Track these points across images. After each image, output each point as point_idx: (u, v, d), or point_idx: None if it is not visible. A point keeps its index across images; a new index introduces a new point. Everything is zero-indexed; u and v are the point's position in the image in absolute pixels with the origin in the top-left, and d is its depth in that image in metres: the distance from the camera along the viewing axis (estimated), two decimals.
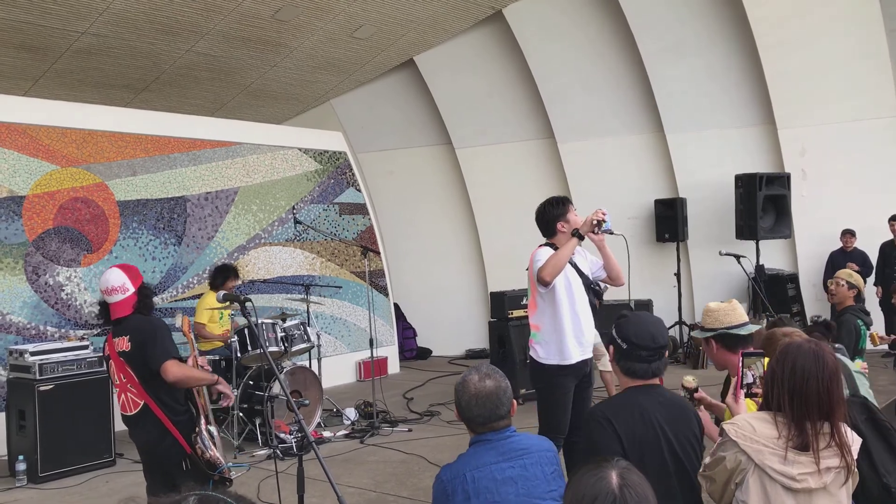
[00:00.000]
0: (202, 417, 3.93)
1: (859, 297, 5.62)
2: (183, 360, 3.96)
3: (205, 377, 4.02)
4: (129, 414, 3.94)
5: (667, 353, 2.85)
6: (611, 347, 2.87)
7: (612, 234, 4.46)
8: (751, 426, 2.42)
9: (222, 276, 7.50)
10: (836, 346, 4.03)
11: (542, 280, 4.35)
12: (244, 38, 9.61)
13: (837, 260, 9.60)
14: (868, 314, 5.78)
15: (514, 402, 2.70)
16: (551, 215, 4.64)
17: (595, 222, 4.32)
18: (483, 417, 2.63)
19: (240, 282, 7.92)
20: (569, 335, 4.46)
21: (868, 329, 5.58)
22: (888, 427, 2.91)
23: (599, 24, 10.57)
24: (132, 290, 3.97)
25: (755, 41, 9.71)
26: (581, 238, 4.38)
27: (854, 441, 2.45)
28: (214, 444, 3.89)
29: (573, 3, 10.49)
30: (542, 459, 2.65)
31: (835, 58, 9.66)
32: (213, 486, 3.74)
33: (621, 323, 2.85)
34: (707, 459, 2.54)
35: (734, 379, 3.01)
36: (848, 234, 9.72)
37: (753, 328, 3.33)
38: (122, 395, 3.95)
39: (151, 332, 3.88)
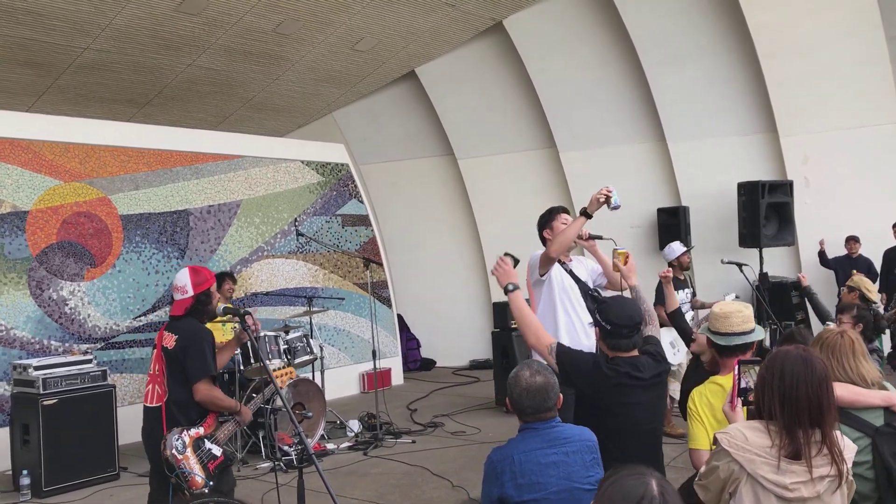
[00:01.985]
0: (199, 428, 3.95)
1: (865, 299, 5.53)
2: (216, 378, 4.04)
3: (229, 405, 4.07)
4: (149, 405, 4.06)
5: (642, 327, 3.42)
6: (596, 329, 3.45)
7: (602, 238, 4.46)
8: (743, 435, 2.42)
9: (217, 281, 7.54)
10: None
11: (547, 256, 4.46)
12: (246, 52, 9.66)
13: (844, 266, 9.59)
14: (882, 318, 5.71)
15: (560, 396, 2.99)
16: (540, 224, 4.82)
17: (602, 200, 4.31)
18: (532, 408, 2.92)
19: (236, 285, 7.92)
20: (563, 340, 4.48)
21: (882, 333, 5.48)
22: None
23: (600, 34, 10.59)
24: (191, 293, 4.04)
25: (755, 49, 9.72)
26: (589, 217, 4.40)
27: (846, 447, 2.44)
28: (199, 459, 3.86)
29: (573, 14, 10.52)
30: (582, 448, 2.94)
31: (835, 65, 9.66)
32: (171, 489, 3.83)
33: (603, 308, 3.41)
34: (702, 469, 2.57)
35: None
36: (852, 240, 9.70)
37: (736, 341, 3.24)
38: (151, 385, 4.08)
39: (198, 342, 3.97)
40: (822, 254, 9.91)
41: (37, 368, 6.26)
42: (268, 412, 6.70)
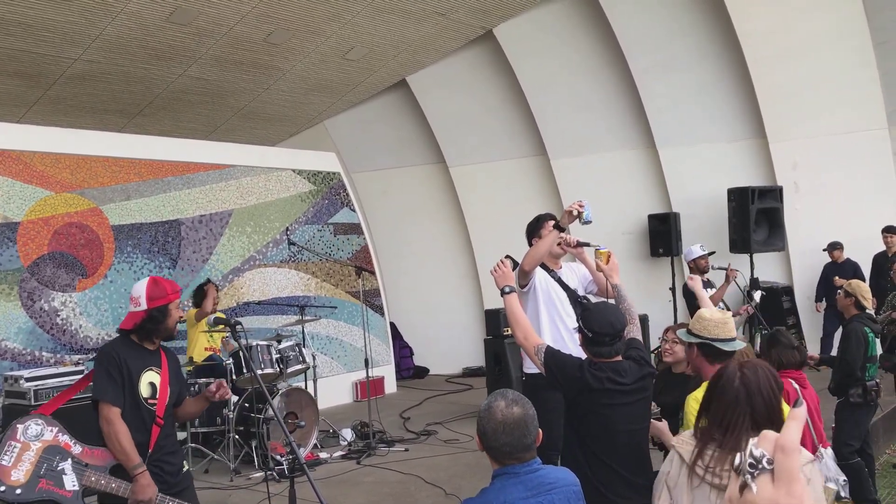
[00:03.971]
0: (79, 447, 3.40)
1: (860, 305, 5.58)
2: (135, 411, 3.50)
3: (123, 453, 3.35)
4: None
5: (623, 334, 3.40)
6: (579, 336, 3.44)
7: (589, 245, 4.49)
8: (690, 434, 2.54)
9: (200, 292, 7.57)
10: None
11: (522, 270, 4.47)
12: (237, 62, 9.67)
13: (829, 273, 9.69)
14: (876, 322, 5.74)
15: (540, 431, 2.58)
16: (529, 232, 4.84)
17: (575, 214, 4.35)
18: (510, 447, 2.49)
19: (217, 292, 7.90)
20: None
21: (877, 336, 5.52)
22: None
23: (589, 42, 10.65)
24: (143, 307, 3.52)
25: (744, 56, 9.79)
26: (561, 230, 4.45)
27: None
28: (36, 463, 3.24)
29: (563, 22, 10.57)
30: (568, 494, 2.56)
31: (824, 71, 9.74)
32: None
33: (585, 315, 3.42)
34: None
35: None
36: (833, 247, 9.76)
37: (739, 346, 3.40)
38: None
39: (98, 360, 3.53)
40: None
41: (28, 380, 6.25)
42: (260, 421, 6.69)
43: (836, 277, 9.39)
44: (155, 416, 3.54)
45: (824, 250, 9.79)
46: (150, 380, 3.56)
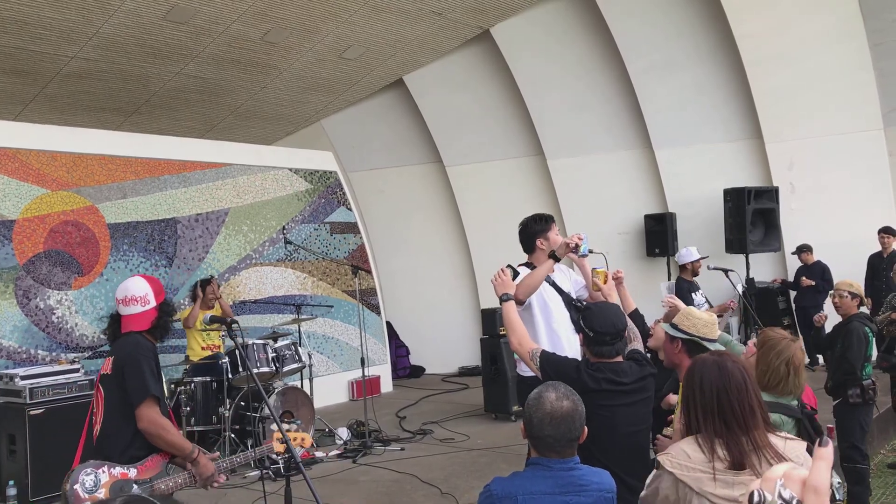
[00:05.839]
0: (131, 469, 3.25)
1: (861, 305, 5.65)
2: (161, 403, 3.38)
3: (178, 444, 3.33)
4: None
5: (625, 334, 3.42)
6: (580, 335, 3.46)
7: (592, 253, 4.47)
8: (685, 454, 2.29)
9: (201, 288, 7.60)
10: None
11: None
12: (234, 60, 9.67)
13: (800, 276, 9.83)
14: (872, 321, 5.81)
15: (585, 428, 2.58)
16: (532, 230, 4.70)
17: (572, 246, 4.32)
18: (553, 439, 2.51)
19: (219, 286, 7.94)
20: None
21: (874, 336, 5.58)
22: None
23: (586, 42, 10.66)
24: (153, 304, 3.43)
25: (741, 57, 9.81)
26: (557, 260, 4.41)
27: (791, 449, 2.32)
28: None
29: (560, 22, 10.59)
30: (599, 500, 2.53)
31: (820, 72, 9.76)
32: None
33: (587, 315, 3.43)
34: (644, 492, 2.44)
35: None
36: (800, 250, 9.85)
37: (721, 348, 3.38)
38: (96, 427, 3.48)
39: (134, 358, 3.33)
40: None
41: (23, 378, 6.23)
42: (256, 420, 6.69)
43: (803, 278, 9.66)
44: (170, 416, 3.52)
45: (793, 254, 9.91)
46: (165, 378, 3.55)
